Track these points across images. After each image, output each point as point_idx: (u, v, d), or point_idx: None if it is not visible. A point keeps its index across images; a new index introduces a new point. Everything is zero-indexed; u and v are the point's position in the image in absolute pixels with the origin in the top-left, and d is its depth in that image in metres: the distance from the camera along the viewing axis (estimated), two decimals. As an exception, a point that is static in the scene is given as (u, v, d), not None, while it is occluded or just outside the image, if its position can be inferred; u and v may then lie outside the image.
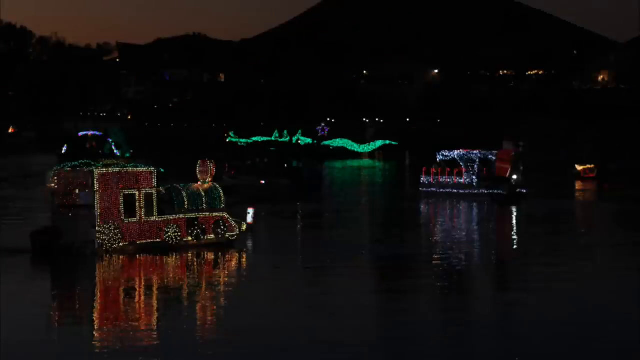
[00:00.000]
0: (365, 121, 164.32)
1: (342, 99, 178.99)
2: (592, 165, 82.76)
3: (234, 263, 36.59)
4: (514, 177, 61.62)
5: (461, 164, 62.89)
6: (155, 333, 24.45)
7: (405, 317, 25.97)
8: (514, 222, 52.33)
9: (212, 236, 38.82)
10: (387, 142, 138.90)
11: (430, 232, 47.38)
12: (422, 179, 64.42)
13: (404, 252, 38.83)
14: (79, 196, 36.54)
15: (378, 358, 21.80)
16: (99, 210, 36.17)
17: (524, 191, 61.29)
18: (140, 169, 37.69)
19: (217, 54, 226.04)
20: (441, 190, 63.03)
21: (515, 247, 42.03)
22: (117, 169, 37.12)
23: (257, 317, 25.71)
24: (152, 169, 38.02)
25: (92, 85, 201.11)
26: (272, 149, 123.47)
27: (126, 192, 36.91)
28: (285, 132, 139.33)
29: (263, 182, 68.48)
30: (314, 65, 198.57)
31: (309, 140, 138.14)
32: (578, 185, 75.94)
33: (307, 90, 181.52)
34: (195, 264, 35.81)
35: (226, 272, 34.51)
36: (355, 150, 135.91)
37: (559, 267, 34.32)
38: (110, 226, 36.29)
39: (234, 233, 39.43)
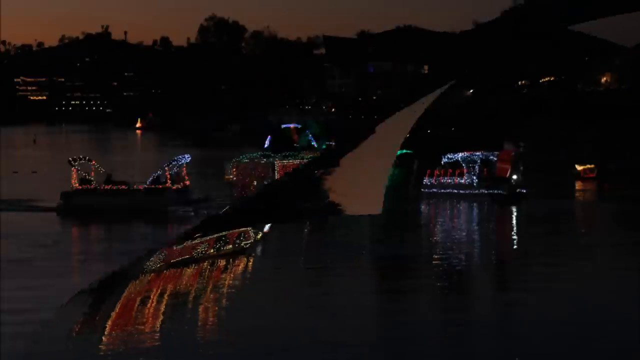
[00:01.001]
0: None
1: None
2: (592, 165, 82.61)
3: (236, 264, 36.58)
4: (514, 177, 61.69)
5: (464, 165, 63.00)
6: (157, 334, 24.51)
7: (405, 317, 26.06)
8: (514, 222, 52.38)
9: (230, 246, 38.36)
10: (404, 151, 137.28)
11: (431, 232, 47.42)
12: (424, 180, 64.55)
13: (404, 252, 38.87)
14: (257, 188, 35.57)
15: (379, 358, 21.90)
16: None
17: (524, 191, 61.32)
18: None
19: (425, 46, 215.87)
20: (442, 190, 63.07)
21: (515, 247, 42.08)
22: (297, 161, 36.09)
23: (259, 318, 25.79)
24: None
25: (301, 79, 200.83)
26: None
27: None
28: None
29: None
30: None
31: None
32: (578, 185, 75.88)
33: None
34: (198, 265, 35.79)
35: (228, 274, 34.54)
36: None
37: (559, 267, 34.35)
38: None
39: (249, 242, 39.05)
